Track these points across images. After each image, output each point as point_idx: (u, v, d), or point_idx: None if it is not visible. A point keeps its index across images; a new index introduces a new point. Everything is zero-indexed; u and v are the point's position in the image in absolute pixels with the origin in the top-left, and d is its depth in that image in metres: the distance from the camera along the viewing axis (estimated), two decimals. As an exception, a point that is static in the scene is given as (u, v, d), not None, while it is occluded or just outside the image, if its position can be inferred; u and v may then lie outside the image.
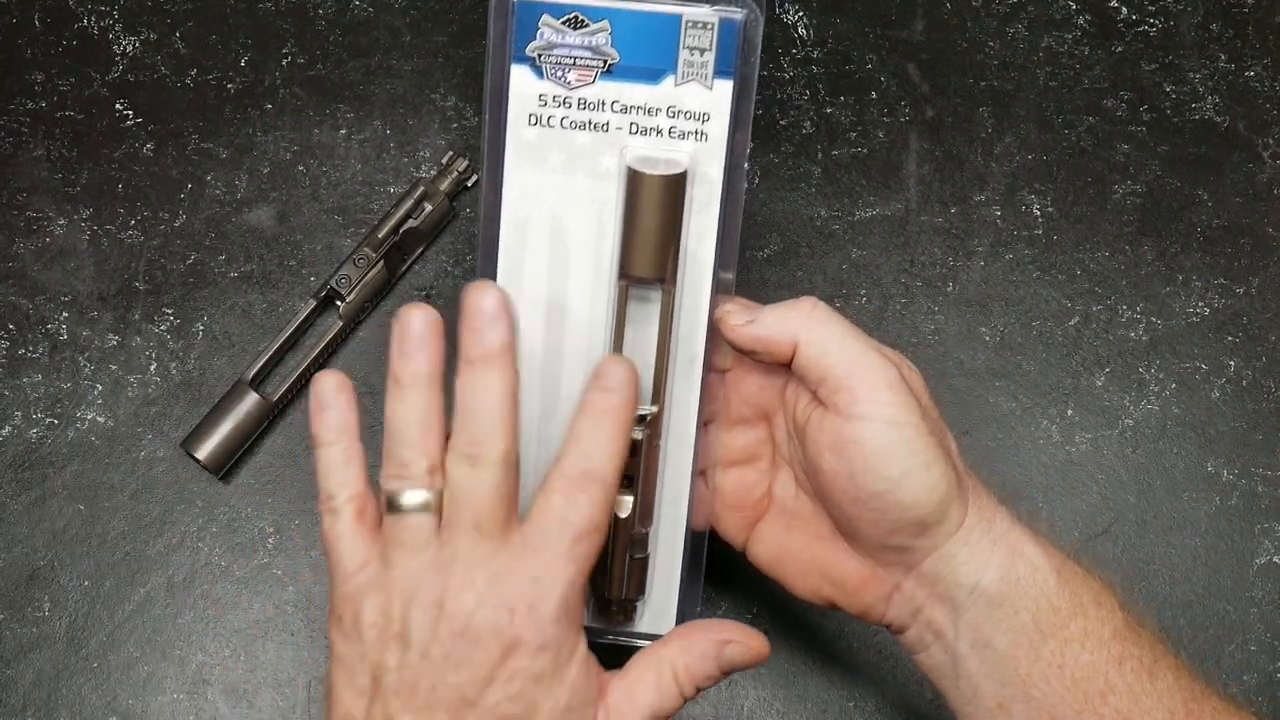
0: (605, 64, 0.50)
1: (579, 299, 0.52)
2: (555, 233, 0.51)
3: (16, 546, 0.63)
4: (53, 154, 0.69)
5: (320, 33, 0.71)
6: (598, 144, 0.50)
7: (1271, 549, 0.65)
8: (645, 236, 0.49)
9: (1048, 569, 0.48)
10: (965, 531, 0.48)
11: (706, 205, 0.51)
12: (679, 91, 0.50)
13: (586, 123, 0.50)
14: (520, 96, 0.50)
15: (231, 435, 0.63)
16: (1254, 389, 0.67)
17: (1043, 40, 0.73)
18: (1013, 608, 0.48)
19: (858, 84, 0.72)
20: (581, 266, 0.51)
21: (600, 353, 0.52)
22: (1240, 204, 0.70)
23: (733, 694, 0.62)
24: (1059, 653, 0.47)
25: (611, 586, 0.52)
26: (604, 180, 0.51)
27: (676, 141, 0.50)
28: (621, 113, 0.50)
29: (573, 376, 0.52)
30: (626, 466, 0.49)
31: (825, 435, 0.49)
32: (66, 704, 0.61)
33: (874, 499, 0.48)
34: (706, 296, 0.52)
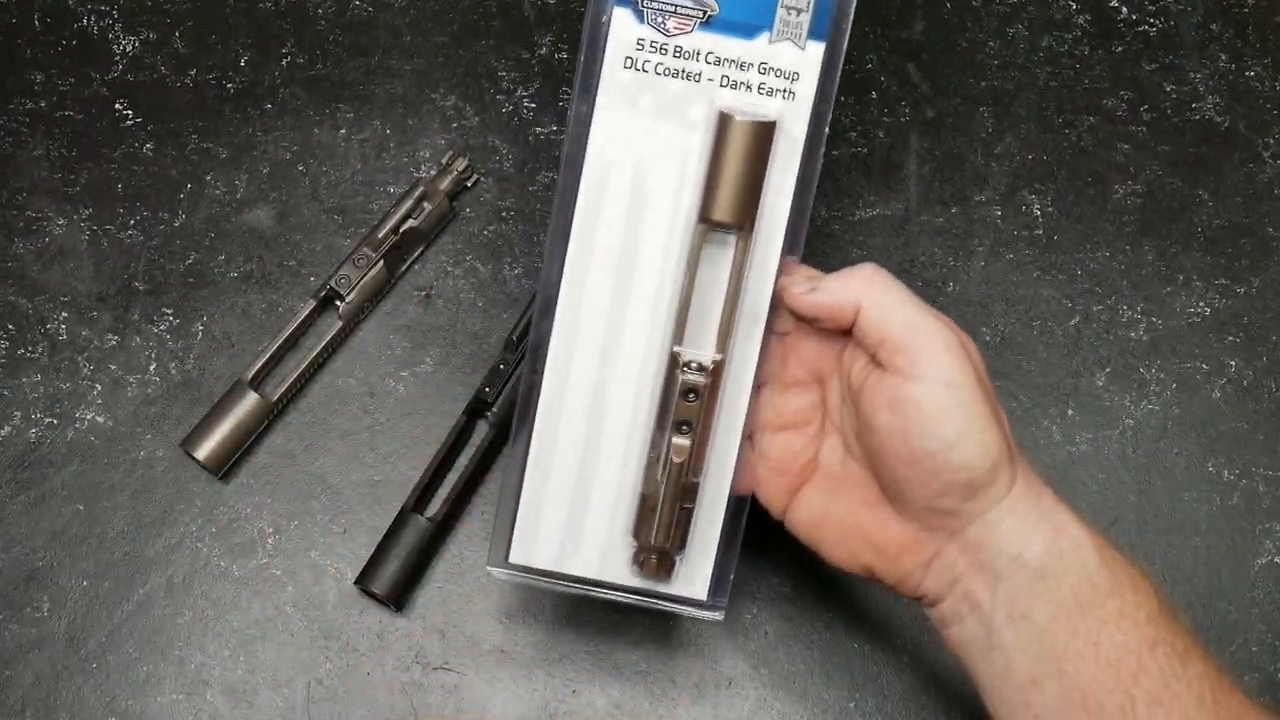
0: (705, 14, 0.51)
1: (653, 246, 0.52)
2: (637, 176, 0.52)
3: (15, 546, 0.63)
4: (52, 154, 0.69)
5: (320, 33, 0.71)
6: (689, 93, 0.51)
7: (1272, 549, 0.65)
8: (730, 181, 0.50)
9: (1090, 547, 0.49)
10: (1012, 500, 0.49)
11: (787, 164, 0.52)
12: (773, 49, 0.51)
13: (680, 71, 0.51)
14: (619, 39, 0.51)
15: (231, 435, 0.63)
16: (1255, 389, 0.67)
17: (1043, 40, 0.73)
18: (1054, 581, 0.48)
19: (858, 84, 0.72)
20: (658, 213, 0.52)
21: (667, 301, 0.52)
22: (1241, 204, 0.70)
23: (732, 694, 0.62)
24: (1095, 630, 0.48)
25: (658, 533, 0.53)
26: (691, 130, 0.51)
27: (764, 98, 0.51)
28: (714, 64, 0.51)
29: (637, 324, 0.53)
30: (685, 412, 0.51)
31: (883, 395, 0.49)
32: (65, 704, 0.61)
33: (928, 459, 0.49)
34: (776, 255, 0.52)
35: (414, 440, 0.65)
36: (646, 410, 0.53)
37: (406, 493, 0.63)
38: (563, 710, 0.62)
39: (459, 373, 0.66)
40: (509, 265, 0.68)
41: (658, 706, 0.62)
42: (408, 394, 0.66)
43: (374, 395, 0.66)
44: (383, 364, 0.66)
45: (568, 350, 0.53)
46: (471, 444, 0.65)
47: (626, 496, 0.54)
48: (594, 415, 0.53)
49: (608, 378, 0.53)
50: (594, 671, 0.62)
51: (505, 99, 0.70)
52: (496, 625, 0.63)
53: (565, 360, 0.53)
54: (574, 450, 0.54)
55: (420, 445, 0.65)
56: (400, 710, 0.61)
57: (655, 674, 0.62)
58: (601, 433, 0.54)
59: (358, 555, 0.63)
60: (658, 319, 0.53)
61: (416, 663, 0.62)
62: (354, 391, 0.66)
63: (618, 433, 0.54)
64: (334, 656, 0.62)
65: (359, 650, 0.62)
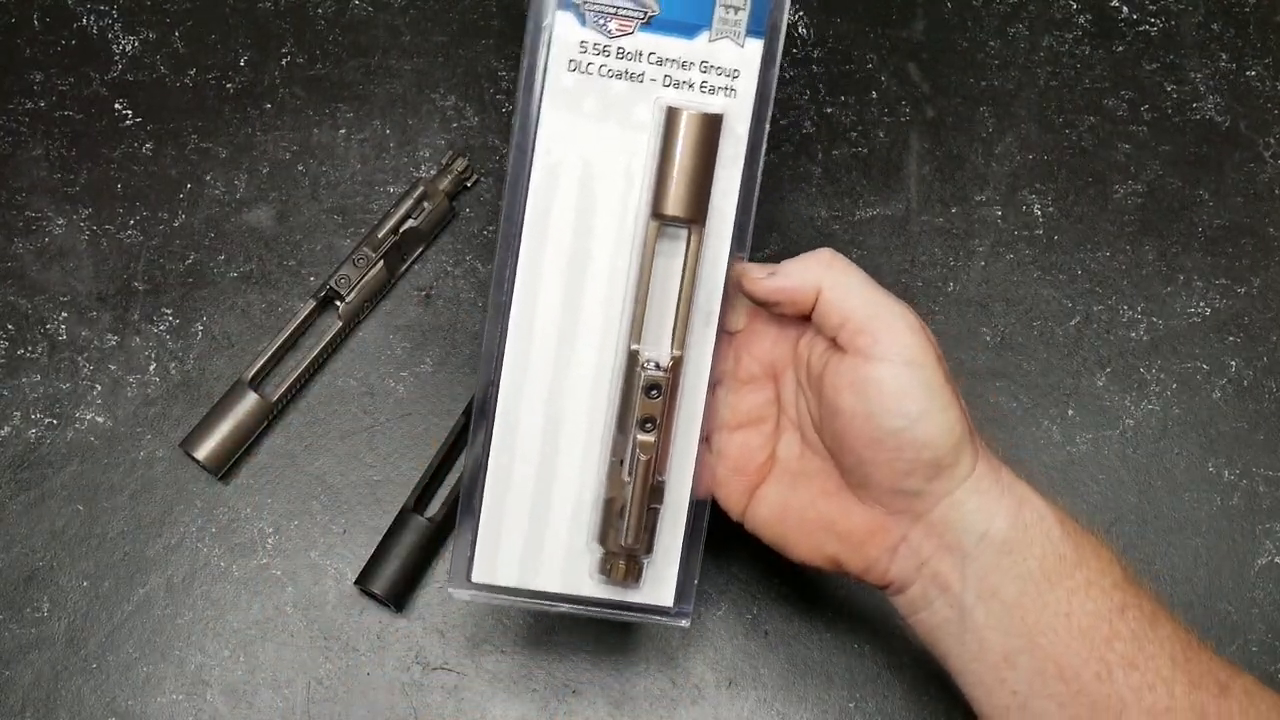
0: (645, 15, 0.51)
1: (603, 246, 0.52)
2: (584, 179, 0.52)
3: (15, 547, 0.63)
4: (52, 154, 0.69)
5: (320, 33, 0.71)
6: (632, 93, 0.52)
7: (1273, 549, 0.65)
8: (680, 176, 0.51)
9: (1052, 519, 0.50)
10: (976, 479, 0.49)
11: (733, 161, 0.52)
12: (713, 47, 0.52)
13: (623, 72, 0.52)
14: (562, 42, 0.51)
15: (231, 435, 0.63)
16: (1255, 389, 0.67)
17: (1043, 40, 0.73)
18: (1021, 555, 0.49)
19: (858, 84, 0.72)
20: (608, 214, 0.52)
21: (620, 301, 0.52)
22: (1241, 204, 0.70)
23: (733, 695, 0.62)
24: (1065, 600, 0.48)
25: (627, 534, 0.52)
26: (636, 130, 0.52)
27: (707, 96, 0.52)
28: (657, 64, 0.52)
29: (590, 326, 0.53)
30: (649, 409, 0.51)
31: (844, 377, 0.50)
32: (65, 704, 0.61)
33: (891, 437, 0.49)
34: (726, 253, 0.53)
35: (414, 440, 0.65)
36: (604, 414, 0.53)
37: (406, 493, 0.63)
38: (563, 710, 0.61)
39: (459, 373, 0.66)
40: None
41: (658, 706, 0.62)
42: (408, 394, 0.66)
43: (374, 395, 0.66)
44: (383, 364, 0.66)
45: (523, 355, 0.53)
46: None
47: (587, 505, 0.53)
48: (551, 422, 0.53)
49: (564, 381, 0.53)
50: (594, 671, 0.62)
51: (505, 99, 0.70)
52: (496, 625, 0.63)
53: (521, 366, 0.53)
54: (533, 459, 0.53)
55: (420, 445, 0.65)
56: (400, 710, 0.61)
57: (655, 674, 0.62)
58: (559, 439, 0.53)
59: (358, 555, 0.63)
60: (611, 320, 0.53)
61: (416, 663, 0.62)
62: (354, 391, 0.66)
63: (576, 439, 0.53)
64: (334, 657, 0.62)
65: (359, 650, 0.62)
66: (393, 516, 0.63)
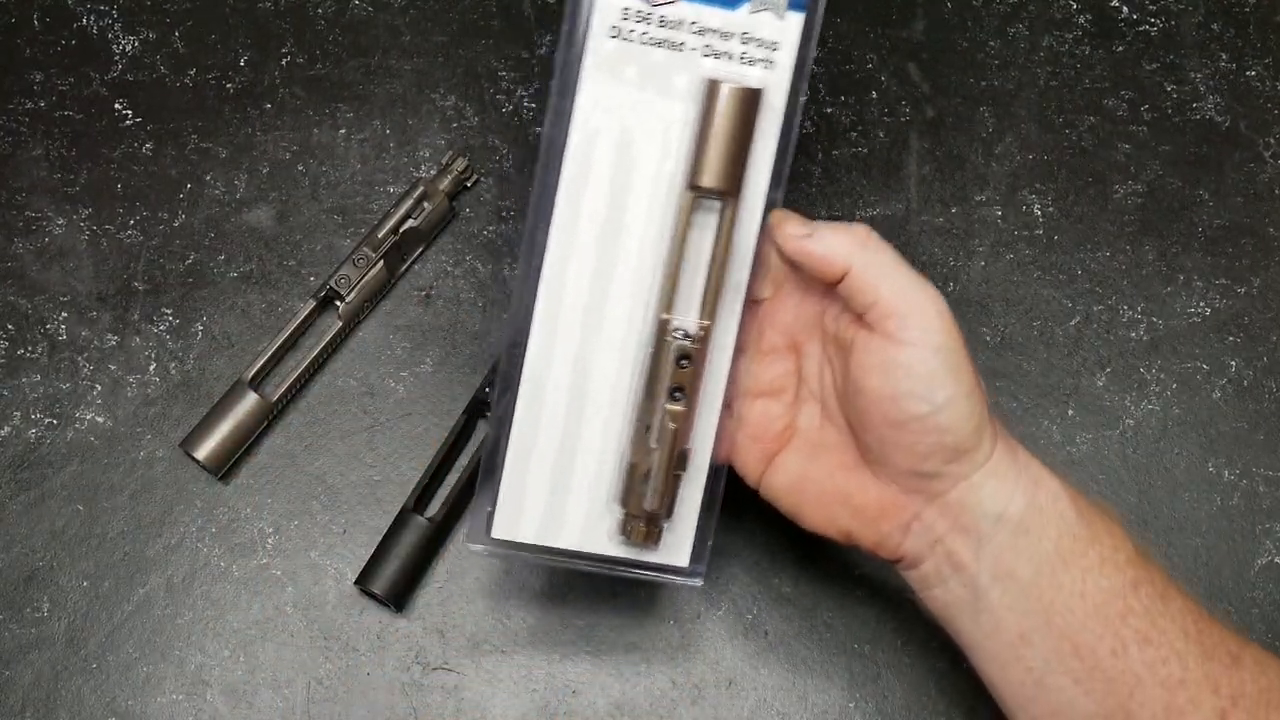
0: None
1: (636, 215, 0.53)
2: (622, 146, 0.52)
3: (15, 547, 0.63)
4: (52, 154, 0.69)
5: (320, 33, 0.71)
6: (673, 62, 0.52)
7: (1273, 549, 0.65)
8: (718, 148, 0.51)
9: (1066, 498, 0.50)
10: (994, 462, 0.50)
11: (767, 132, 0.52)
12: (754, 19, 0.52)
13: (664, 40, 0.51)
14: (605, 8, 0.51)
15: (231, 435, 0.63)
16: (1255, 389, 0.67)
17: (1043, 40, 0.73)
18: (1036, 536, 0.49)
19: (858, 84, 0.72)
20: (643, 182, 0.52)
21: (651, 270, 0.53)
22: (1241, 204, 0.70)
23: (733, 695, 0.62)
24: (1080, 580, 0.49)
25: (650, 499, 0.52)
26: (675, 99, 0.52)
27: (745, 67, 0.52)
28: (698, 34, 0.51)
29: (620, 291, 0.53)
30: (679, 378, 0.51)
31: (872, 357, 0.50)
32: (65, 704, 0.61)
33: (915, 422, 0.49)
34: (757, 224, 0.53)
35: (414, 440, 0.65)
36: (630, 379, 0.53)
37: (406, 493, 0.63)
38: (563, 710, 0.61)
39: (459, 373, 0.66)
40: (509, 265, 0.68)
41: (658, 706, 0.62)
42: (408, 394, 0.66)
43: (374, 395, 0.66)
44: (383, 364, 0.66)
45: (552, 319, 0.53)
46: (471, 444, 0.65)
47: (609, 467, 0.54)
48: (578, 385, 0.54)
49: (592, 347, 0.53)
50: (594, 671, 0.62)
51: (505, 99, 0.70)
52: (496, 626, 0.63)
53: (550, 330, 0.53)
54: (558, 420, 0.54)
55: (420, 445, 0.65)
56: (400, 710, 0.61)
57: (655, 674, 0.62)
58: (585, 403, 0.54)
59: (358, 555, 0.63)
60: (641, 288, 0.53)
61: (416, 663, 0.62)
62: (354, 391, 0.66)
63: (601, 402, 0.54)
64: (334, 657, 0.62)
65: (359, 650, 0.62)
66: (393, 516, 0.63)
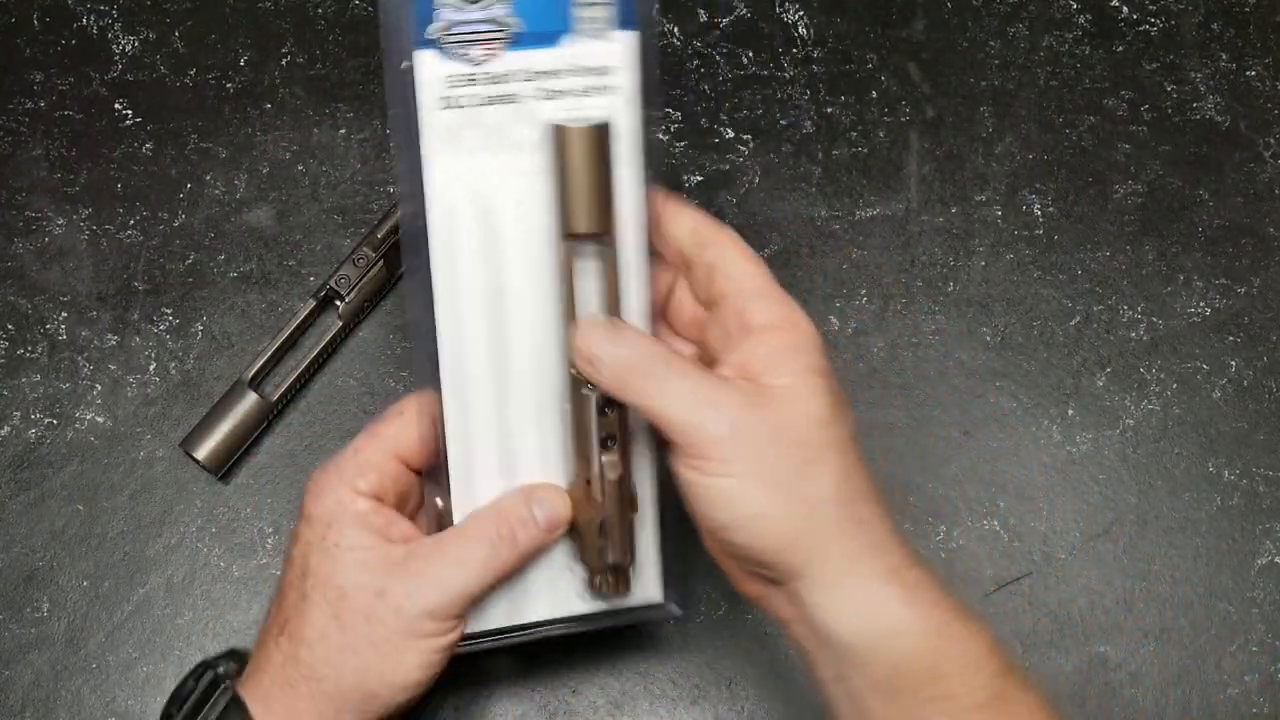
0: (507, 33, 0.49)
1: (518, 275, 0.51)
2: (482, 214, 0.50)
3: (15, 547, 0.63)
4: (52, 154, 0.69)
5: (320, 32, 0.71)
6: (512, 116, 0.50)
7: (1273, 549, 0.65)
8: (580, 191, 0.49)
9: (917, 632, 0.46)
10: (831, 577, 0.46)
11: (628, 160, 0.51)
12: (580, 50, 0.50)
13: (497, 97, 0.49)
14: (430, 82, 0.49)
15: (231, 435, 0.63)
16: (1255, 389, 0.67)
17: (1043, 40, 0.73)
18: (867, 661, 0.46)
19: (858, 84, 0.72)
20: (515, 241, 0.51)
21: (548, 325, 0.51)
22: (1241, 204, 0.70)
23: (733, 695, 0.62)
24: (913, 710, 0.46)
25: (613, 551, 0.51)
26: (523, 151, 0.50)
27: (587, 99, 0.50)
28: (528, 80, 0.50)
29: (521, 355, 0.51)
30: (607, 427, 0.50)
31: (679, 475, 0.48)
32: (65, 704, 0.61)
33: (717, 532, 0.47)
34: (643, 253, 0.51)
35: (414, 440, 0.65)
36: (558, 437, 0.52)
37: (406, 493, 0.63)
38: (563, 710, 0.61)
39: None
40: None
41: (658, 706, 0.62)
42: (407, 393, 0.66)
43: (374, 395, 0.66)
44: (383, 364, 0.66)
45: (463, 406, 0.51)
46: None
47: None
48: (505, 460, 0.52)
49: (509, 420, 0.52)
50: (594, 671, 0.62)
51: (505, 99, 0.70)
52: (496, 625, 0.63)
53: (463, 417, 0.51)
54: (495, 498, 0.52)
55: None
56: (400, 710, 0.61)
57: (655, 674, 0.62)
58: (517, 473, 0.52)
59: (358, 555, 0.63)
60: (543, 349, 0.51)
61: (416, 663, 0.62)
62: (354, 391, 0.66)
63: (533, 470, 0.52)
64: (334, 657, 0.62)
65: (359, 650, 0.62)
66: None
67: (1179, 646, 0.63)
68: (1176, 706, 0.62)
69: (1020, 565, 0.64)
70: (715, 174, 0.70)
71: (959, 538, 0.64)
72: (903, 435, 0.66)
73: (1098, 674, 0.62)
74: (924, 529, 0.64)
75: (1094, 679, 0.62)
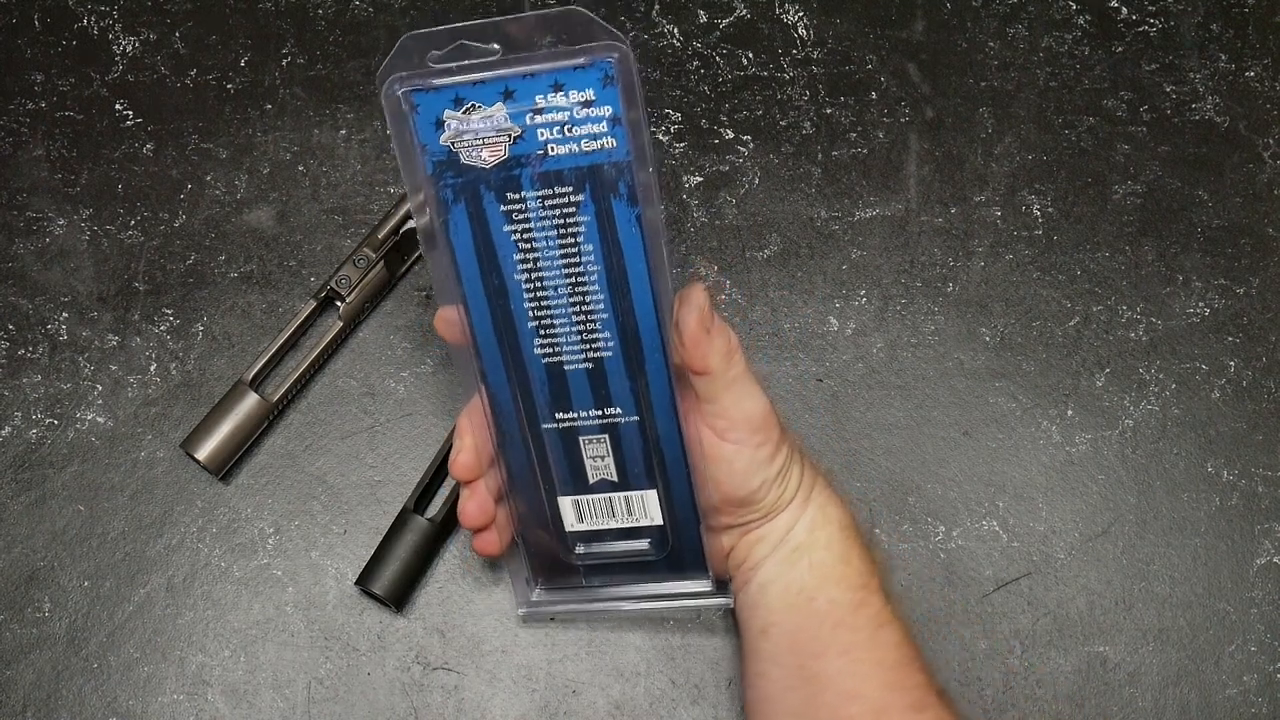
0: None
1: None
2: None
3: (16, 547, 0.63)
4: (53, 154, 0.69)
5: (320, 33, 0.71)
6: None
7: (1272, 549, 0.65)
8: None
9: (836, 528, 0.56)
10: (789, 505, 0.56)
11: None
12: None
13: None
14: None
15: (231, 436, 0.63)
16: (1254, 389, 0.67)
17: (1043, 40, 0.73)
18: (805, 551, 0.56)
19: (858, 84, 0.72)
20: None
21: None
22: (1240, 204, 0.70)
23: (733, 695, 0.62)
24: (816, 589, 0.55)
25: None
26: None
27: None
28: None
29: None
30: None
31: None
32: (66, 705, 0.61)
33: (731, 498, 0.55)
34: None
35: (414, 440, 0.65)
36: None
37: (407, 493, 0.64)
38: (563, 710, 0.62)
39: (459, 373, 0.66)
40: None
41: (658, 706, 0.62)
42: (408, 394, 0.66)
43: (374, 395, 0.66)
44: (383, 364, 0.66)
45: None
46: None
47: None
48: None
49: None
50: (594, 671, 0.62)
51: (505, 99, 0.70)
52: (496, 625, 0.63)
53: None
54: None
55: (421, 445, 0.65)
56: (400, 710, 0.61)
57: (655, 674, 0.62)
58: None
59: (358, 555, 0.63)
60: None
61: (416, 663, 0.62)
62: (354, 391, 0.66)
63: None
64: (334, 657, 0.62)
65: (359, 650, 0.62)
66: (393, 516, 0.63)
67: (1178, 646, 0.63)
68: (1175, 706, 0.62)
69: (1019, 565, 0.64)
70: (715, 174, 0.70)
71: (958, 538, 0.64)
72: (902, 435, 0.66)
73: (1096, 674, 0.62)
74: (923, 529, 0.64)
75: (1093, 679, 0.62)
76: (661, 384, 0.53)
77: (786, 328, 0.67)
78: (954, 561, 0.64)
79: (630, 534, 0.56)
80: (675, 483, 0.55)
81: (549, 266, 0.51)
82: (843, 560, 0.56)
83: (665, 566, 0.57)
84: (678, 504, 0.55)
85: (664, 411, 0.53)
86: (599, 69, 0.48)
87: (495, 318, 0.52)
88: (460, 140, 0.50)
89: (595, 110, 0.49)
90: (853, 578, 0.55)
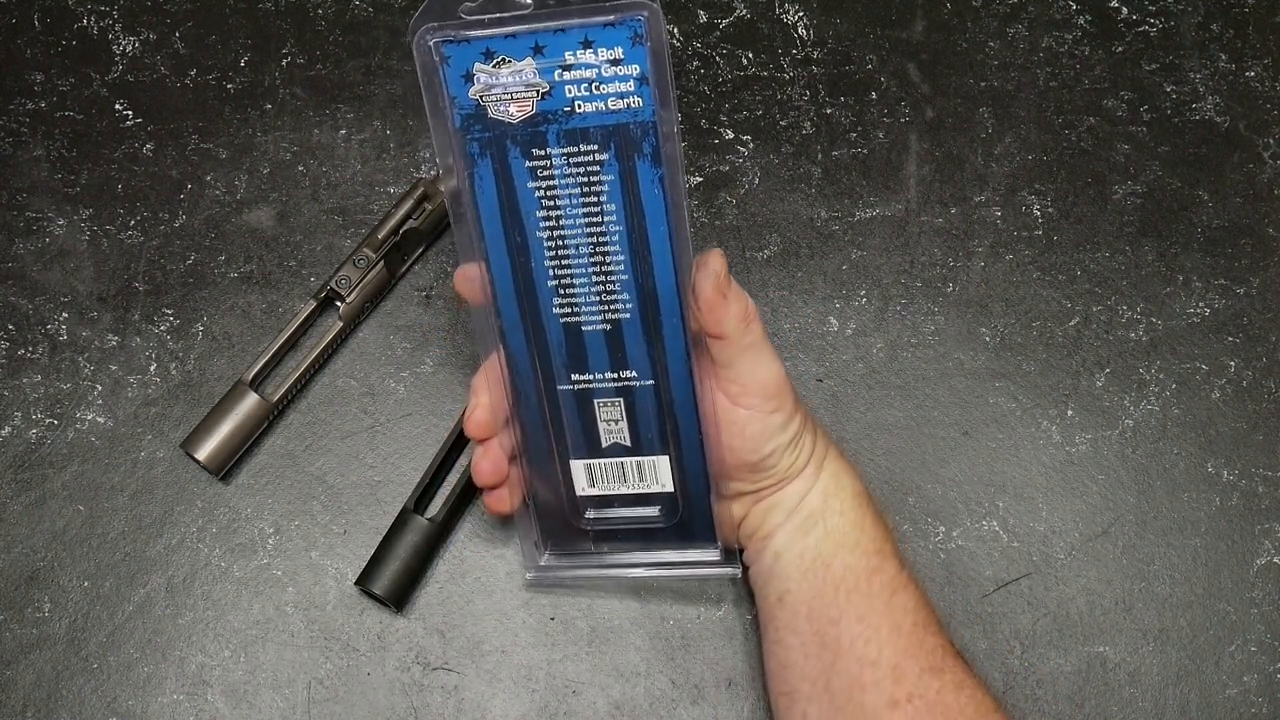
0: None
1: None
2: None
3: (16, 547, 0.63)
4: (53, 154, 0.69)
5: (320, 33, 0.71)
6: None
7: (1272, 549, 0.65)
8: None
9: (850, 497, 0.57)
10: (802, 472, 0.57)
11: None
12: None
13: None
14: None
15: (231, 436, 0.63)
16: (1254, 389, 0.67)
17: (1043, 40, 0.73)
18: (819, 518, 0.56)
19: (858, 84, 0.72)
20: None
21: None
22: (1240, 204, 0.70)
23: (733, 695, 0.62)
24: (832, 554, 0.56)
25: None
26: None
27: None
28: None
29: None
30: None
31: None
32: (66, 705, 0.61)
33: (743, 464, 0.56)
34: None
35: (414, 440, 0.65)
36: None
37: (407, 493, 0.64)
38: (563, 710, 0.62)
39: (459, 373, 0.66)
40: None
41: (658, 707, 0.62)
42: (408, 394, 0.66)
43: (374, 395, 0.66)
44: (383, 364, 0.66)
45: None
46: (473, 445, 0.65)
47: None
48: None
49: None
50: (594, 671, 0.62)
51: (505, 99, 0.70)
52: (496, 625, 0.63)
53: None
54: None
55: (420, 445, 0.65)
56: (400, 710, 0.61)
57: (655, 674, 0.62)
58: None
59: (358, 555, 0.63)
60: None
61: (416, 663, 0.62)
62: (354, 392, 0.66)
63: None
64: (334, 657, 0.62)
65: (359, 651, 0.62)
66: (393, 516, 0.63)
67: (1178, 647, 0.63)
68: (1175, 706, 0.62)
69: (1019, 565, 0.64)
70: (715, 174, 0.70)
71: (958, 538, 0.64)
72: (902, 435, 0.66)
73: (1097, 674, 0.62)
74: (923, 529, 0.64)
75: (1093, 679, 0.62)
76: (678, 349, 0.53)
77: (786, 328, 0.67)
78: (954, 562, 0.64)
79: (640, 500, 0.57)
80: (688, 450, 0.55)
81: (571, 225, 0.51)
82: (857, 526, 0.56)
83: (674, 534, 0.58)
84: (689, 471, 0.55)
85: (679, 377, 0.53)
86: (628, 27, 0.48)
87: (516, 276, 0.52)
88: (489, 94, 0.50)
89: (623, 69, 0.49)
90: (867, 544, 0.56)
